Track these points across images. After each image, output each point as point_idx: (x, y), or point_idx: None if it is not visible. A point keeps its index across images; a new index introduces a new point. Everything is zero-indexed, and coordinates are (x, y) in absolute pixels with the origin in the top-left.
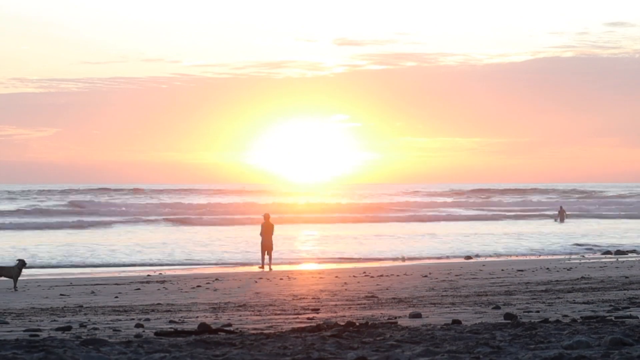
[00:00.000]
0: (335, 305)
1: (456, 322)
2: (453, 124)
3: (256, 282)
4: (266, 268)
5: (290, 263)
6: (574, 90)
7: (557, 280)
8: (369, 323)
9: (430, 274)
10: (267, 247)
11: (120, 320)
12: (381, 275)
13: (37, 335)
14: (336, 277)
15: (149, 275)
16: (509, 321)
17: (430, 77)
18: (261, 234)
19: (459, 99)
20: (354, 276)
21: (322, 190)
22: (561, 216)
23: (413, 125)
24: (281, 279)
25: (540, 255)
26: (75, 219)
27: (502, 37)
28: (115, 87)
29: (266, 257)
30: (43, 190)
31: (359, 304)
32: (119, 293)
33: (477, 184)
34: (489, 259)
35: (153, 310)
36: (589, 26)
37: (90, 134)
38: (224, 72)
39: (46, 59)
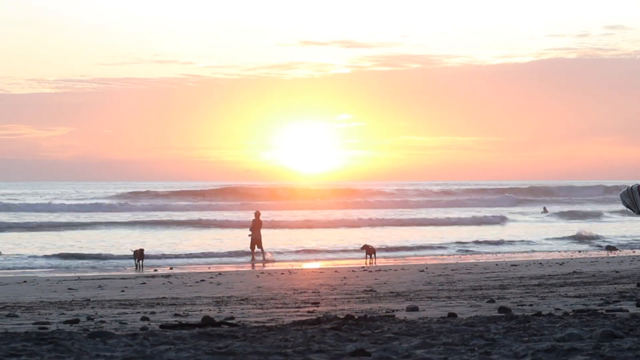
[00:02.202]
0: (335, 299)
1: (452, 315)
2: (457, 124)
3: (258, 276)
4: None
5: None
6: (576, 90)
7: (550, 275)
8: (368, 316)
9: (426, 268)
10: (257, 241)
11: (126, 313)
12: (379, 270)
13: (46, 328)
14: (335, 271)
15: (155, 270)
16: (503, 314)
17: (435, 78)
18: (252, 229)
19: (463, 99)
20: (352, 271)
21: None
22: (544, 211)
23: (418, 124)
24: (282, 273)
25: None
26: None
27: (505, 39)
28: (128, 87)
29: (257, 250)
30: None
31: (357, 298)
32: (125, 287)
33: (480, 181)
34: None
35: (158, 304)
36: (589, 29)
37: (102, 133)
38: (235, 73)
39: (64, 60)
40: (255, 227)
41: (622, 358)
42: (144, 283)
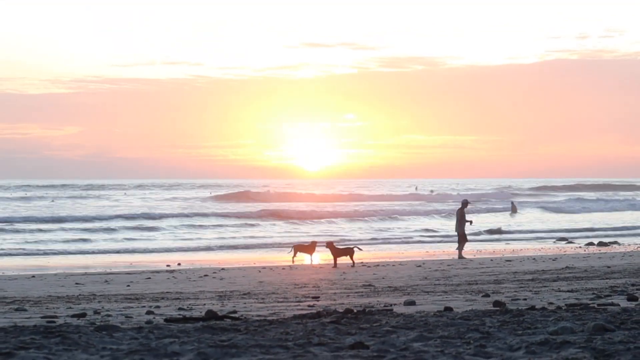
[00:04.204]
0: (335, 293)
1: (448, 309)
2: (459, 123)
3: (259, 271)
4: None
5: None
6: (577, 90)
7: (543, 270)
8: (366, 310)
9: (423, 264)
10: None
11: (131, 307)
12: (377, 265)
13: (54, 322)
14: (335, 267)
15: (168, 266)
16: (497, 308)
17: (438, 79)
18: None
19: (465, 100)
20: (352, 266)
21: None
22: (513, 209)
23: (421, 124)
24: (283, 268)
25: None
26: None
27: (508, 41)
28: (139, 87)
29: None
30: None
31: (356, 292)
32: (131, 282)
33: (485, 179)
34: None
35: (163, 298)
36: (590, 31)
37: (113, 132)
38: (244, 73)
39: (77, 61)
40: (460, 218)
41: (613, 351)
42: (149, 278)
